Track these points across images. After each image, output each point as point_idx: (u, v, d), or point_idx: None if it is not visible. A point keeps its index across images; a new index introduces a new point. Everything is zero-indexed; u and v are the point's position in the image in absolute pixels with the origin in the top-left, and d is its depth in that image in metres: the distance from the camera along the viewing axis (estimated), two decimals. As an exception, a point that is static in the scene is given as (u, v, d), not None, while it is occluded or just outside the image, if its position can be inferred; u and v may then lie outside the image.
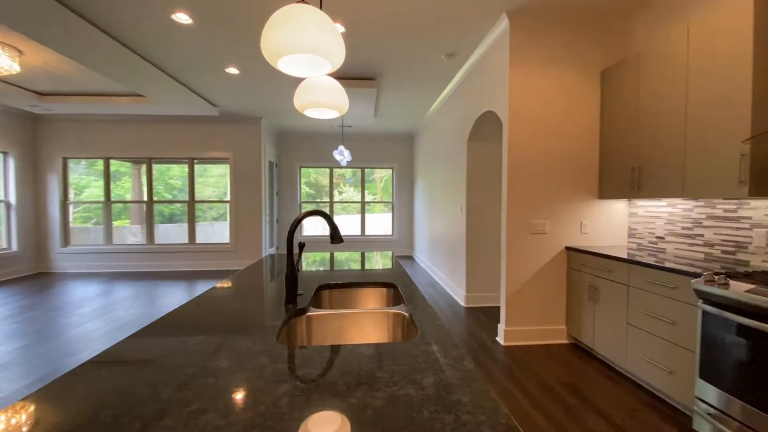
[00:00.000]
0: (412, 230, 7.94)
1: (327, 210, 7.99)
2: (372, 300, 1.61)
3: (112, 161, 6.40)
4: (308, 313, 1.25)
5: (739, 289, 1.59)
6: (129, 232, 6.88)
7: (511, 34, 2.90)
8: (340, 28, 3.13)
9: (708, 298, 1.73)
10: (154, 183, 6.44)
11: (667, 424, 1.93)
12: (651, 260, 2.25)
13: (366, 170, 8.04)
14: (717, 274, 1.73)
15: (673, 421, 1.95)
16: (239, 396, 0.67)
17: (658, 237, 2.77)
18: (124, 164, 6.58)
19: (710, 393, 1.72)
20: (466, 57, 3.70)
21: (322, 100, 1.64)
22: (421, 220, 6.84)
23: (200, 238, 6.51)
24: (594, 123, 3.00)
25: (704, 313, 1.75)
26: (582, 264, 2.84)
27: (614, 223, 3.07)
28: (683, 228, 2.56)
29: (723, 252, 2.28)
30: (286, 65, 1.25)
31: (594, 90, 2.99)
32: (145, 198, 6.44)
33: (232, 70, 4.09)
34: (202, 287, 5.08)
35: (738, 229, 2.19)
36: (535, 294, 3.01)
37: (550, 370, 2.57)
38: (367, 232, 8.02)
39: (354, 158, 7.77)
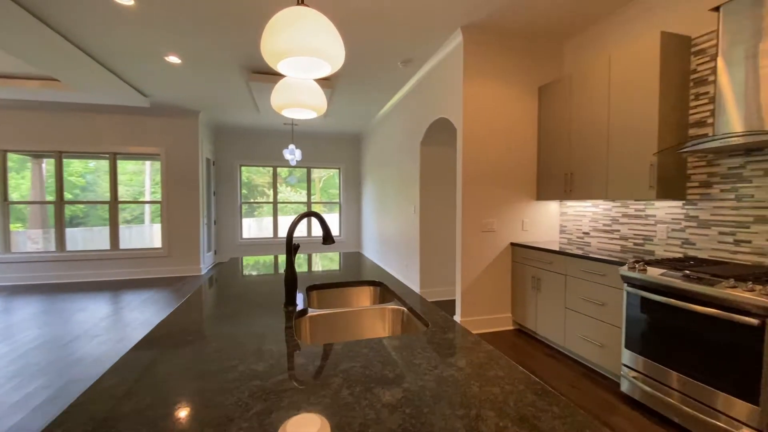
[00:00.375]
0: (360, 230, 8.02)
1: (270, 211, 7.68)
2: (362, 298, 1.66)
3: (9, 155, 5.39)
4: (309, 314, 1.27)
5: (654, 274, 1.97)
6: (27, 237, 5.87)
7: (465, 49, 3.15)
8: (301, 27, 3.09)
9: (631, 282, 2.10)
10: (50, 181, 5.57)
11: (601, 390, 2.29)
12: (579, 253, 2.65)
13: (304, 170, 7.90)
14: (637, 262, 2.12)
15: (605, 387, 2.32)
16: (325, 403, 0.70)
17: (584, 233, 3.25)
18: (21, 158, 5.58)
19: (633, 359, 2.10)
20: (420, 65, 3.90)
21: (302, 101, 1.65)
22: (371, 219, 6.95)
23: (121, 243, 5.81)
24: (533, 133, 3.40)
25: (628, 294, 2.13)
26: (525, 258, 3.19)
27: (549, 221, 3.50)
28: (604, 224, 3.04)
29: (634, 244, 2.77)
30: (285, 67, 1.26)
31: (533, 104, 3.38)
32: (52, 198, 5.55)
33: (174, 59, 3.76)
34: (130, 299, 4.56)
35: (645, 224, 2.68)
36: (486, 286, 3.31)
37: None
38: (313, 234, 7.89)
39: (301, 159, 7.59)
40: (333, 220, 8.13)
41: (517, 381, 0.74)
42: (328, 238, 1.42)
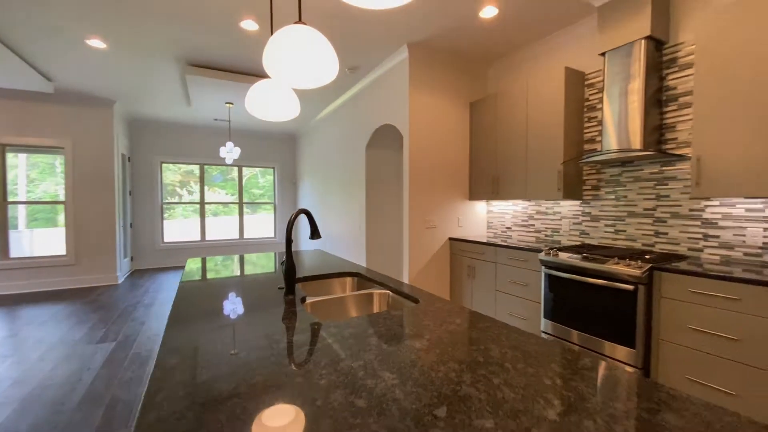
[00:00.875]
0: (297, 229, 7.94)
1: (198, 211, 7.16)
2: (344, 287, 1.84)
3: None
4: (308, 301, 1.42)
5: (563, 257, 2.53)
6: None
7: (410, 63, 3.49)
8: (253, 25, 3.09)
9: (547, 264, 2.64)
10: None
11: (525, 354, 2.81)
12: (507, 244, 3.18)
13: (226, 169, 7.58)
14: (551, 249, 2.67)
15: (528, 352, 2.85)
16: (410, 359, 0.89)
17: (507, 227, 3.84)
18: None
19: (547, 325, 2.64)
20: (366, 72, 4.14)
21: (275, 107, 1.73)
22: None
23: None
24: (465, 142, 3.90)
25: (545, 274, 2.67)
26: (461, 250, 3.66)
27: (478, 219, 4.05)
28: (522, 220, 3.66)
29: (545, 236, 3.41)
30: (286, 79, 1.38)
31: (465, 116, 3.88)
32: None
33: (96, 43, 3.39)
34: (29, 315, 3.94)
35: (554, 220, 3.33)
36: (429, 276, 3.70)
37: (446, 334, 3.25)
38: (246, 235, 7.58)
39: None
40: (266, 221, 7.90)
41: (500, 327, 1.04)
42: (315, 233, 1.59)
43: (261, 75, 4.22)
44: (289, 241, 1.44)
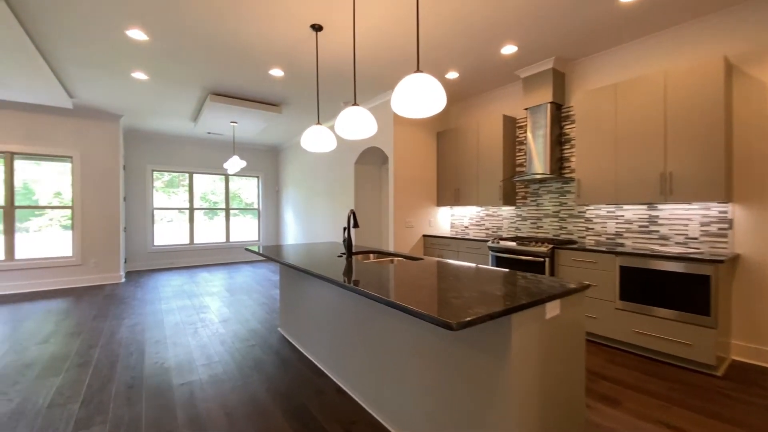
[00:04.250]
0: (280, 234, 8.70)
1: (187, 216, 7.69)
2: (368, 258, 2.89)
3: None
4: (365, 261, 2.46)
5: (504, 244, 3.78)
6: None
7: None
8: (279, 72, 4.06)
9: (493, 249, 3.89)
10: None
11: (479, 313, 4.02)
12: (466, 237, 4.41)
13: (193, 177, 8.23)
14: (495, 239, 3.92)
15: (481, 311, 4.07)
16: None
17: (465, 227, 5.10)
18: None
19: (495, 291, 3.89)
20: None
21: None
22: (295, 223, 7.80)
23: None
24: (434, 161, 5.12)
25: (492, 256, 3.91)
26: (433, 244, 4.84)
27: (443, 220, 5.27)
28: (476, 221, 4.94)
29: (492, 231, 4.71)
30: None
31: (434, 142, 5.11)
32: None
33: (140, 76, 4.13)
34: (47, 309, 4.45)
35: (497, 220, 4.63)
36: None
37: (423, 305, 4.39)
38: (232, 239, 8.20)
39: (219, 167, 7.88)
40: (246, 224, 8.57)
41: (489, 272, 2.17)
42: (356, 224, 2.65)
43: (269, 102, 5.13)
44: (349, 225, 2.48)
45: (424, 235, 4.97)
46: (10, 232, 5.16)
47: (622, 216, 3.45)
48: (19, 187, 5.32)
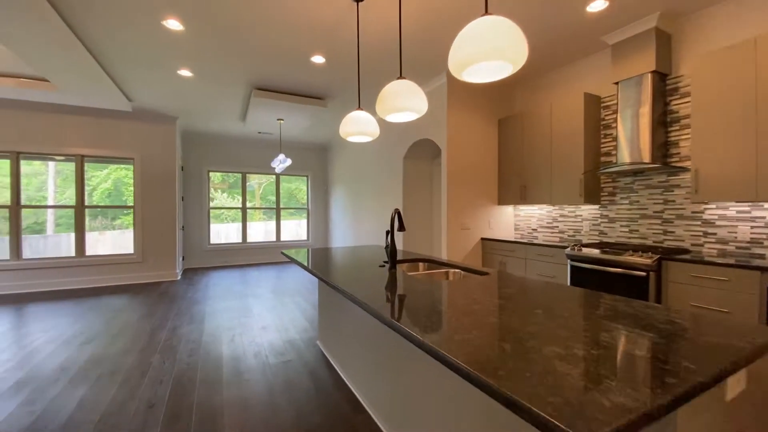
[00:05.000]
0: (328, 234, 8.54)
1: (240, 216, 7.81)
2: (417, 268, 2.40)
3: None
4: (412, 273, 1.98)
5: (587, 252, 3.04)
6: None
7: (449, 87, 4.08)
8: (321, 59, 3.72)
9: (572, 258, 3.16)
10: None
11: (553, 335, 3.31)
12: (536, 242, 3.70)
13: (255, 177, 8.22)
14: (575, 246, 3.18)
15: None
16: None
17: (533, 229, 4.36)
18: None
19: (574, 310, 3.15)
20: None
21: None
22: (343, 223, 7.55)
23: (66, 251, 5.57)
24: (494, 153, 4.45)
25: (570, 267, 3.18)
26: (493, 249, 4.19)
27: (506, 221, 4.58)
28: (547, 223, 4.18)
29: (568, 236, 3.92)
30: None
31: (494, 132, 4.44)
32: (9, 202, 5.16)
33: (185, 73, 4.06)
34: (104, 306, 4.57)
35: (575, 222, 3.84)
36: (464, 272, 4.22)
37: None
38: (282, 238, 8.20)
39: (267, 166, 7.90)
40: (294, 225, 8.52)
41: (595, 300, 1.58)
42: (401, 227, 2.15)
43: (314, 96, 4.85)
44: (393, 229, 2.01)
45: (483, 239, 4.33)
46: (80, 231, 5.50)
47: (762, 218, 2.55)
48: (109, 188, 5.67)
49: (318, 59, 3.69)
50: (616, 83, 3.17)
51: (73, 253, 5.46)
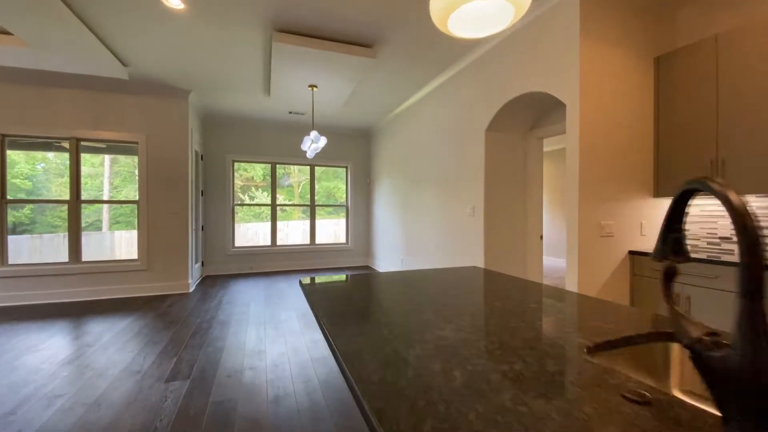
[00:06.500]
0: (371, 237, 7.11)
1: (269, 215, 6.62)
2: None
3: (-76, 136, 4.05)
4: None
5: None
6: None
7: (582, 4, 2.44)
8: (372, -45, 2.25)
9: None
10: None
11: None
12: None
13: (285, 169, 6.93)
14: None
15: None
16: None
17: (721, 237, 2.59)
18: (-51, 143, 4.24)
19: None
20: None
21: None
22: (389, 225, 6.08)
23: (61, 255, 4.53)
24: (648, 113, 2.73)
25: None
26: (654, 270, 2.48)
27: (659, 225, 2.84)
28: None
29: (819, 252, 2.13)
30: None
31: (648, 78, 2.72)
32: (-10, 195, 4.25)
33: (174, 2, 2.78)
34: (96, 326, 3.42)
35: (842, 226, 2.04)
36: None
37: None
38: (317, 241, 6.90)
39: (301, 155, 6.62)
40: (332, 225, 7.17)
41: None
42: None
43: (357, 42, 3.41)
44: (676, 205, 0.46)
45: (631, 252, 2.63)
46: (74, 231, 4.49)
47: None
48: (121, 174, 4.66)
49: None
50: None
51: (66, 258, 4.46)
